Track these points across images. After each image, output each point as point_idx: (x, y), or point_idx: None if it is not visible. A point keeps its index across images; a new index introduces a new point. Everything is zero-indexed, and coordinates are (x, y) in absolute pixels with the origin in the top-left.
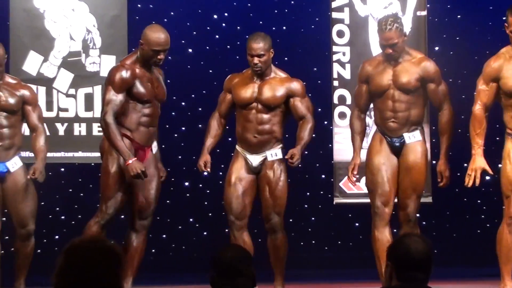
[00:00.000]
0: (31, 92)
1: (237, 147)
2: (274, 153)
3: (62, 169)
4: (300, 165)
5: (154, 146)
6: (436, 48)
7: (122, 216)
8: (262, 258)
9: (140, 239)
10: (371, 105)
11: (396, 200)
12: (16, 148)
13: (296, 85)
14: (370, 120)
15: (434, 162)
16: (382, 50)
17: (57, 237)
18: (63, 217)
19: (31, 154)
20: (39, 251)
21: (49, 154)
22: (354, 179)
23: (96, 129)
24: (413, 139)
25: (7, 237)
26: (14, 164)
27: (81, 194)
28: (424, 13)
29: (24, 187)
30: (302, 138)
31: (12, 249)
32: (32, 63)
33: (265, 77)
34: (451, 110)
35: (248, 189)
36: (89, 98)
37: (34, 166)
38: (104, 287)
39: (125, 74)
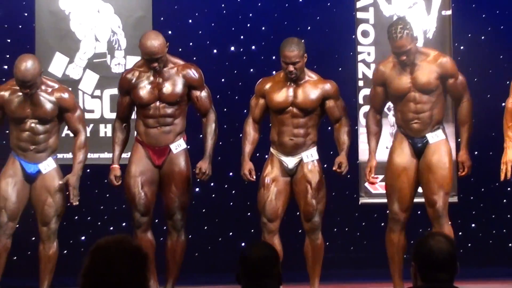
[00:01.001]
0: (68, 96)
1: (272, 149)
2: (310, 154)
3: (88, 170)
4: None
5: (177, 145)
6: (461, 48)
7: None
8: (290, 259)
9: (173, 240)
10: (391, 106)
11: (424, 200)
12: (51, 151)
13: (330, 87)
14: (394, 119)
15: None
16: (395, 57)
17: (83, 238)
18: (89, 218)
19: (67, 155)
20: (65, 251)
21: (87, 156)
22: (372, 180)
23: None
24: (436, 138)
25: (33, 238)
26: (47, 166)
27: (107, 195)
28: (449, 12)
29: (53, 188)
30: (344, 142)
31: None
32: (57, 65)
33: (299, 81)
34: (470, 101)
35: (282, 191)
36: (114, 99)
37: (67, 176)
38: (130, 286)
39: (123, 77)
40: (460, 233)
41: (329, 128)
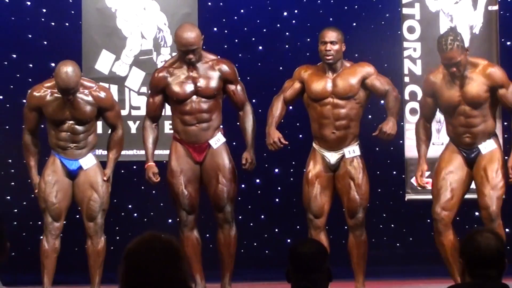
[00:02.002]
0: (106, 96)
1: (314, 145)
2: (352, 150)
3: (134, 167)
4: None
5: (216, 140)
6: (508, 43)
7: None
8: (335, 255)
9: (225, 233)
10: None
11: (478, 199)
12: (91, 147)
13: (367, 66)
14: (442, 116)
15: (506, 158)
16: (445, 69)
17: (130, 234)
18: (135, 215)
19: (97, 152)
20: (112, 248)
21: (121, 152)
22: (423, 184)
23: (168, 127)
24: (489, 148)
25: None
26: (88, 161)
27: (153, 192)
28: (495, 7)
29: (95, 183)
30: (393, 107)
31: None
32: (104, 62)
33: (337, 70)
34: None
35: (326, 187)
36: None
37: (105, 170)
38: (169, 283)
39: (156, 76)
40: (507, 230)
41: (375, 124)
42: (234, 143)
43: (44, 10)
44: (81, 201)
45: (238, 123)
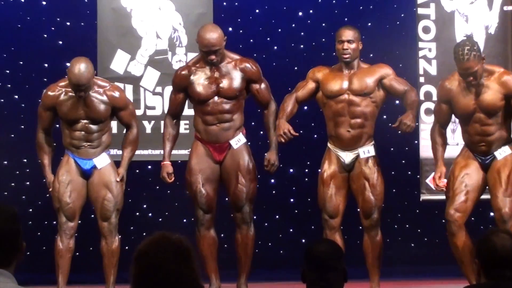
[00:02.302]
0: (120, 95)
1: (329, 144)
2: (367, 150)
3: (149, 167)
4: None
5: (237, 140)
6: None
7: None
8: (350, 255)
9: (243, 233)
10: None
11: (491, 201)
12: (105, 146)
13: (384, 67)
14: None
15: None
16: (462, 78)
17: (144, 234)
18: (150, 215)
19: (112, 152)
20: (126, 248)
21: (136, 152)
22: (442, 185)
23: (183, 127)
24: (504, 154)
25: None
26: (102, 161)
27: (168, 192)
28: (511, 7)
29: (110, 182)
30: (410, 103)
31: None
32: (119, 62)
33: (353, 68)
34: None
35: (341, 187)
36: None
37: (119, 169)
38: (180, 283)
39: (179, 74)
40: None
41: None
42: (253, 144)
43: (60, 10)
44: (95, 201)
45: (252, 123)
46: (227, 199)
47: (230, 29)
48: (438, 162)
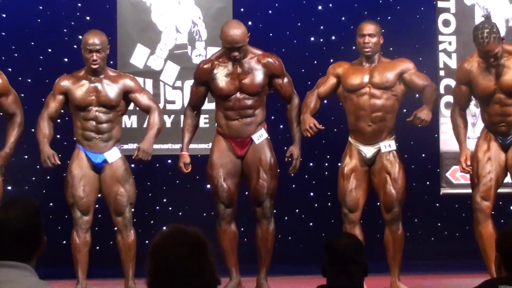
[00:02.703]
0: (132, 79)
1: (350, 139)
2: (388, 144)
3: (169, 161)
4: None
5: (259, 135)
6: None
7: None
8: (370, 249)
9: (263, 228)
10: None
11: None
12: (115, 140)
13: (405, 62)
14: (477, 110)
15: None
16: (483, 60)
17: (164, 228)
18: (170, 208)
19: (132, 146)
20: (147, 242)
21: (156, 146)
22: (468, 168)
23: (203, 121)
24: None
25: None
26: (113, 155)
27: (188, 186)
28: None
29: (121, 177)
30: (428, 98)
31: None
32: (139, 56)
33: (374, 62)
34: None
35: (361, 181)
36: None
37: (139, 145)
38: (197, 276)
39: (201, 67)
40: None
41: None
42: (273, 138)
43: (80, 5)
44: (108, 196)
45: (272, 117)
46: (247, 193)
47: (250, 23)
48: (462, 145)
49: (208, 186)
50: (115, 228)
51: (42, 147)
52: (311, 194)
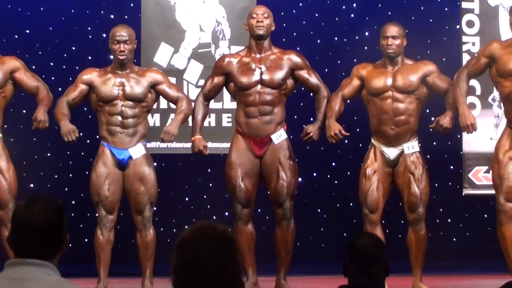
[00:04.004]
0: (158, 72)
1: (373, 140)
2: (411, 145)
3: (192, 160)
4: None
5: (278, 135)
6: None
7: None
8: (391, 250)
9: (283, 229)
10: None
11: None
12: (140, 136)
13: (428, 64)
14: (500, 111)
15: None
16: None
17: (186, 227)
18: (192, 207)
19: (158, 145)
20: (168, 240)
21: (178, 145)
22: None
23: (225, 120)
24: None
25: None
26: (137, 151)
27: (210, 185)
28: None
29: (143, 175)
30: (450, 103)
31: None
32: (163, 55)
33: (397, 65)
34: None
35: (383, 182)
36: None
37: (165, 127)
38: (223, 275)
39: (223, 58)
40: None
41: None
42: (295, 138)
43: (104, 3)
44: (129, 194)
45: (295, 116)
46: (269, 192)
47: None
48: (463, 105)
49: (227, 186)
50: (135, 226)
51: (63, 122)
52: (333, 194)
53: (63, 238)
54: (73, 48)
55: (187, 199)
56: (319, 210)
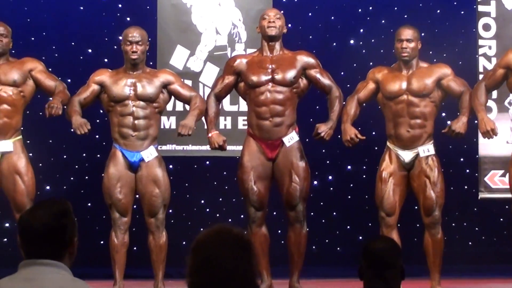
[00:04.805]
0: (170, 73)
1: (388, 143)
2: (427, 149)
3: (207, 162)
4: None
5: (290, 138)
6: None
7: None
8: (407, 253)
9: (296, 232)
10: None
11: None
12: (152, 139)
13: (443, 67)
14: None
15: None
16: None
17: (202, 229)
18: (207, 210)
19: (174, 147)
20: (184, 243)
21: (194, 148)
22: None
23: (241, 123)
24: None
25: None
26: (149, 154)
27: (226, 187)
28: None
29: (157, 177)
30: (464, 107)
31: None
32: (179, 58)
33: (412, 68)
34: None
35: (399, 185)
36: (234, 92)
37: (181, 122)
38: (238, 278)
39: (234, 58)
40: None
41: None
42: (310, 142)
43: (120, 6)
44: (143, 196)
45: (311, 119)
46: (281, 195)
47: (290, 25)
48: (481, 112)
49: (240, 189)
50: (147, 229)
51: (74, 117)
52: (349, 197)
53: (68, 241)
54: (89, 50)
55: (202, 201)
56: (334, 213)
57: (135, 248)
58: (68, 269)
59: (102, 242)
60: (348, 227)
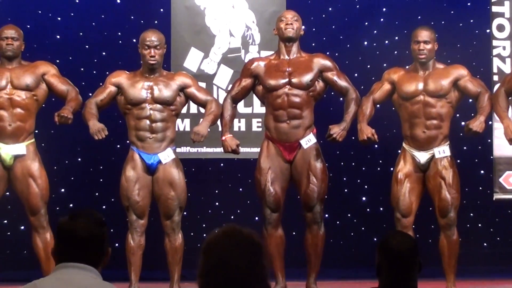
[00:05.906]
0: (187, 76)
1: (404, 144)
2: (442, 150)
3: (222, 164)
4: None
5: (307, 140)
6: None
7: None
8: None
9: (313, 233)
10: None
11: None
12: (169, 141)
13: (459, 68)
14: None
15: None
16: None
17: (216, 231)
18: (222, 212)
19: (188, 150)
20: (198, 245)
21: (209, 150)
22: None
23: (256, 125)
24: None
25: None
26: (167, 156)
27: (240, 189)
28: None
29: (173, 180)
30: (481, 107)
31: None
32: (193, 60)
33: (428, 69)
34: None
35: (415, 186)
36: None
37: (194, 128)
38: (249, 279)
39: (252, 61)
40: None
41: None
42: (323, 143)
43: (134, 8)
44: (158, 198)
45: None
46: (299, 197)
47: (303, 26)
48: (506, 119)
49: (256, 190)
50: (163, 231)
51: (91, 122)
52: (364, 198)
53: (104, 251)
54: (103, 53)
55: (217, 203)
56: (349, 215)
57: (150, 250)
58: (100, 275)
59: (117, 244)
60: (363, 228)
